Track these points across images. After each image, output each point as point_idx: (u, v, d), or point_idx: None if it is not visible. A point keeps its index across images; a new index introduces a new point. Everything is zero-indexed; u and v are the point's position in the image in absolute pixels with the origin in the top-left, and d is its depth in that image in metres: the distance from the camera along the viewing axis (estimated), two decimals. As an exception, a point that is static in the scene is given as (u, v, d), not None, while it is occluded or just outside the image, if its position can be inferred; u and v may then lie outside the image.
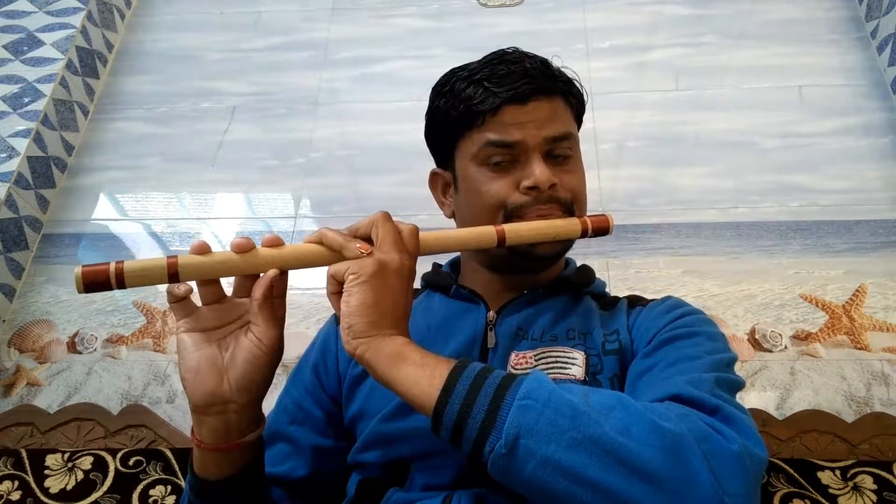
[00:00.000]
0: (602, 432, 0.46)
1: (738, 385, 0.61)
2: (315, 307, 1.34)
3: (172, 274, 0.57)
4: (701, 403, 0.53)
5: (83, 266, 0.55)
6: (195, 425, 0.60)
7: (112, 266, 0.55)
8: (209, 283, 0.60)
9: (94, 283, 0.55)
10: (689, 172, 1.44)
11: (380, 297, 0.55)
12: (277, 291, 0.61)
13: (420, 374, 0.52)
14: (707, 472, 0.46)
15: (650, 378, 0.62)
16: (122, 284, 0.56)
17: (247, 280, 0.61)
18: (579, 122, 0.80)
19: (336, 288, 0.58)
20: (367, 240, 0.59)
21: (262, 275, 0.60)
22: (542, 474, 0.46)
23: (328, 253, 0.60)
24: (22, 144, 1.47)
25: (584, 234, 0.71)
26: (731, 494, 0.45)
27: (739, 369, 1.18)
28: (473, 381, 0.50)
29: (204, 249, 0.58)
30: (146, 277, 0.57)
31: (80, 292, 0.55)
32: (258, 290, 0.59)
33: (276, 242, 0.60)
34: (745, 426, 0.51)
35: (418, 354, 0.54)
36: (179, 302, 0.60)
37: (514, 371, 0.68)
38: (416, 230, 0.61)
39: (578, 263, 0.84)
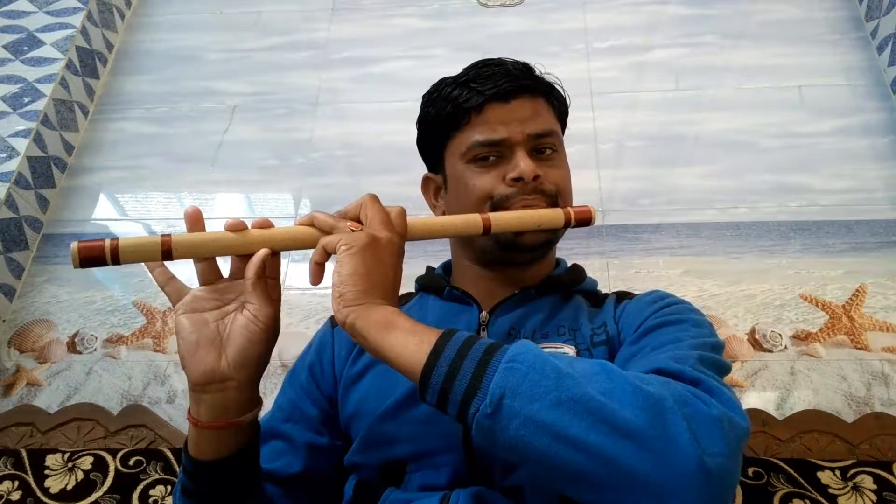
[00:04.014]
0: (584, 392, 0.47)
1: (724, 366, 0.61)
2: (315, 307, 1.34)
3: (166, 251, 0.58)
4: (682, 375, 0.54)
5: (79, 241, 0.56)
6: (192, 404, 0.61)
7: (107, 242, 0.56)
8: (206, 259, 0.62)
9: (90, 258, 0.56)
10: (689, 172, 1.44)
11: (371, 268, 0.57)
12: (271, 273, 0.62)
13: (409, 340, 0.53)
14: (687, 433, 0.46)
15: (635, 361, 0.63)
16: (116, 260, 0.56)
17: (242, 262, 0.62)
18: (563, 123, 0.83)
19: (322, 258, 0.60)
20: (357, 222, 0.62)
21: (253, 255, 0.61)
22: (525, 433, 0.47)
23: (319, 235, 0.61)
24: (22, 144, 1.47)
25: (567, 224, 0.73)
26: (710, 454, 0.46)
27: (739, 369, 1.18)
28: (461, 346, 0.51)
29: (196, 215, 0.61)
30: (140, 254, 0.58)
31: (75, 267, 0.56)
32: (251, 269, 0.60)
33: (267, 225, 0.62)
34: (726, 397, 0.52)
35: (408, 322, 0.55)
36: (168, 285, 0.62)
37: None
38: (403, 211, 0.64)
39: (578, 263, 0.85)
